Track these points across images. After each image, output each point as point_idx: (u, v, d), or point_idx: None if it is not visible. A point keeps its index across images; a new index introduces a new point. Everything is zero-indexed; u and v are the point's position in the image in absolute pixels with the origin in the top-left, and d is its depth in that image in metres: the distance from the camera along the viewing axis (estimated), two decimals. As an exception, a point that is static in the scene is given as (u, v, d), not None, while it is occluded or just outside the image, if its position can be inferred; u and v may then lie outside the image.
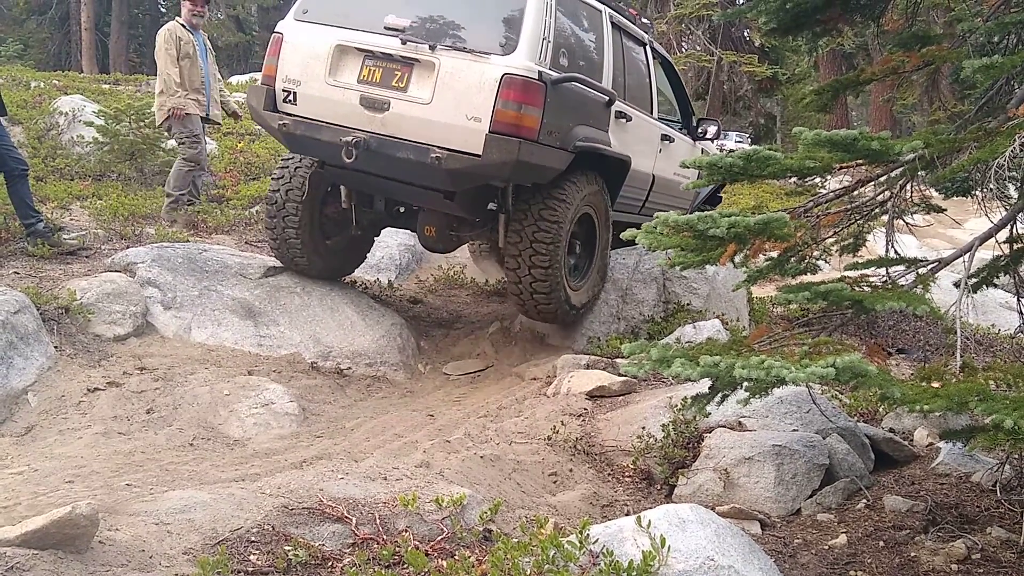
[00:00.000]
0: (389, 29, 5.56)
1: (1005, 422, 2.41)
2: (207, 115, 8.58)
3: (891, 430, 5.13)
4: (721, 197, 9.16)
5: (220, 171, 10.29)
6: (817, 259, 4.14)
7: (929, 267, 3.32)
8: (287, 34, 5.88)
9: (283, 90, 5.83)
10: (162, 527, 2.96)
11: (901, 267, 3.39)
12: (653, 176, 7.26)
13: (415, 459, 4.08)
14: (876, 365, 2.79)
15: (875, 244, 4.71)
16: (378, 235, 7.37)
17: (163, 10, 39.24)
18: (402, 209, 6.81)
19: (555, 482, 4.30)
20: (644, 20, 7.64)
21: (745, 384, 2.89)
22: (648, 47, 7.39)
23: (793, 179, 3.79)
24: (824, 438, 4.51)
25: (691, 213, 7.94)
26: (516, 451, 4.44)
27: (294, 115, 5.80)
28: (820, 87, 3.98)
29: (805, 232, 3.29)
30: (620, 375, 5.46)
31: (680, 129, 8.06)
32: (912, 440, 5.04)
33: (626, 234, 3.54)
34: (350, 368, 6.00)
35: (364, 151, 5.48)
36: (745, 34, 24.69)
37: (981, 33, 3.55)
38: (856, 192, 3.45)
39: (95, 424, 4.60)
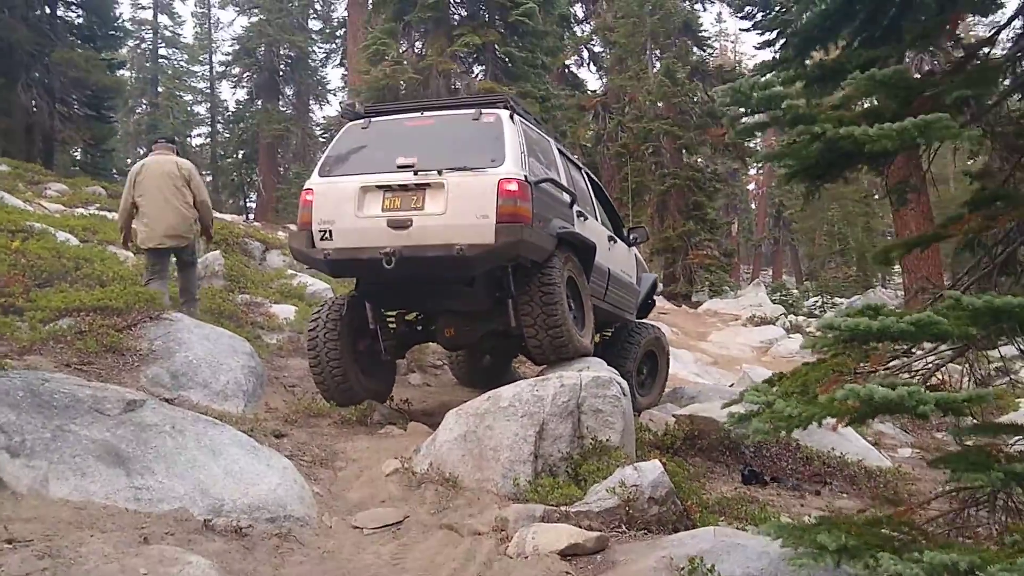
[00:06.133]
0: (401, 167, 7.09)
1: None
2: None
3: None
4: (655, 301, 11.61)
5: (2, 274, 8.70)
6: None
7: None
8: (316, 189, 7.42)
9: (319, 231, 7.29)
10: None
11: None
12: (609, 269, 9.01)
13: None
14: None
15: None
16: (403, 357, 9.18)
17: None
18: (419, 327, 8.53)
19: (584, 670, 3.70)
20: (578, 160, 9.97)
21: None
22: (583, 171, 9.46)
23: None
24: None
25: (636, 312, 10.28)
26: (531, 634, 3.79)
27: (333, 247, 7.22)
28: (906, 240, 3.85)
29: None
30: (587, 528, 4.94)
31: (617, 236, 9.90)
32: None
33: (730, 409, 3.82)
34: (250, 526, 5.00)
35: (400, 258, 6.85)
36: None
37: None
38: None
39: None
